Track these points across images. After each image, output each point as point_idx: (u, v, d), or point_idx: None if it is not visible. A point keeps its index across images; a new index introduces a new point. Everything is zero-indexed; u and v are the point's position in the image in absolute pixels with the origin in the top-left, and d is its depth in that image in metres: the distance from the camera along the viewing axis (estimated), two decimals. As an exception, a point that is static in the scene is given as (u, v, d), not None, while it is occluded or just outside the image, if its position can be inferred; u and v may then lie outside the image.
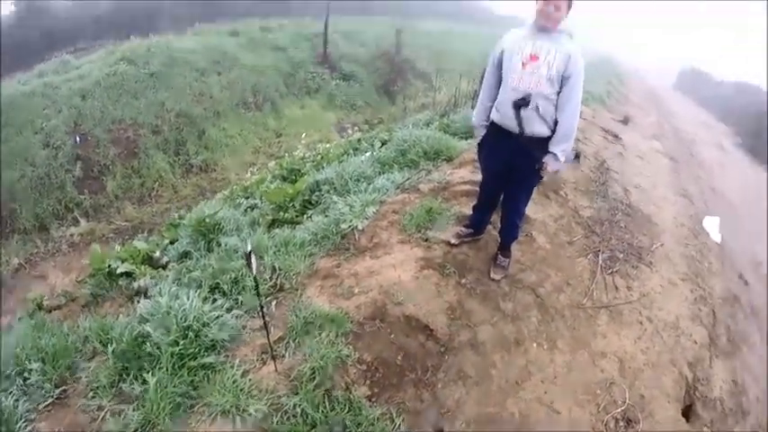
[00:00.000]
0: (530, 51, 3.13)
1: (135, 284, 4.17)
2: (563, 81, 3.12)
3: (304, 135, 12.66)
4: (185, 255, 4.63)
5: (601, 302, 4.06)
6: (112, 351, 2.91)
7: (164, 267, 4.59)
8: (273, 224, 5.02)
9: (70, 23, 21.93)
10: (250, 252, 2.52)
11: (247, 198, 6.68)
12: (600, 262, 4.57)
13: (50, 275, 9.38)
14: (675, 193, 8.17)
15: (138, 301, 3.45)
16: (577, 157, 4.36)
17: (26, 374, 2.90)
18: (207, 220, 4.74)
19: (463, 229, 4.11)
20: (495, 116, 3.37)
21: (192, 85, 14.62)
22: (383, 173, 5.66)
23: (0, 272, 9.51)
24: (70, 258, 9.79)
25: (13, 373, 2.91)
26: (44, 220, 10.82)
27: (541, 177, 3.41)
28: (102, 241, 10.01)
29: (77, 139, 12.05)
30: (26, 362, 2.96)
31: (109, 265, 4.56)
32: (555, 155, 3.25)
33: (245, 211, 5.83)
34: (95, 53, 15.70)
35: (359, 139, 8.86)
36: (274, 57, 17.85)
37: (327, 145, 8.94)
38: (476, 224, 4.04)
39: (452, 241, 4.04)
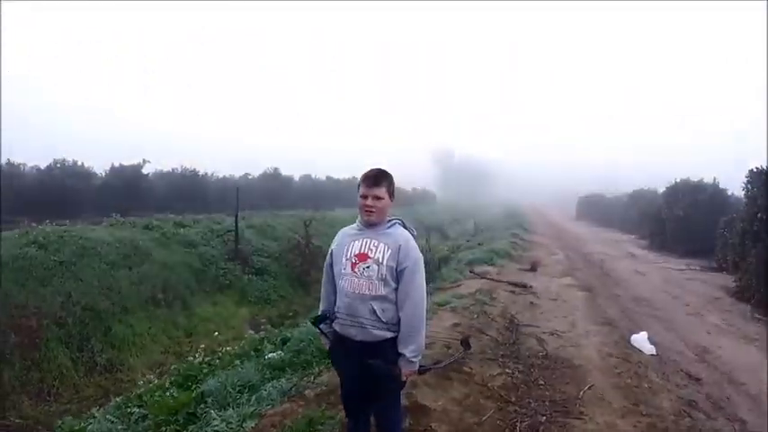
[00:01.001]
0: (357, 250, 2.92)
1: None
2: (398, 275, 2.87)
3: (216, 333, 12.19)
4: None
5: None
6: None
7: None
8: (155, 440, 4.58)
9: None
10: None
11: (140, 407, 6.15)
12: (519, 434, 4.09)
13: None
14: (596, 323, 8.01)
15: None
16: (467, 345, 4.13)
17: None
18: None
19: None
20: (335, 324, 3.05)
21: (100, 278, 13.77)
22: (274, 378, 5.31)
23: None
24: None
25: None
26: None
27: (402, 381, 2.99)
28: None
29: None
30: None
31: None
32: (406, 357, 2.89)
33: (136, 421, 5.46)
34: (10, 231, 14.84)
35: (262, 339, 8.56)
36: (186, 253, 17.45)
37: (228, 348, 8.48)
38: None
39: None
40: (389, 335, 2.88)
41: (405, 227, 3.02)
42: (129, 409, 6.18)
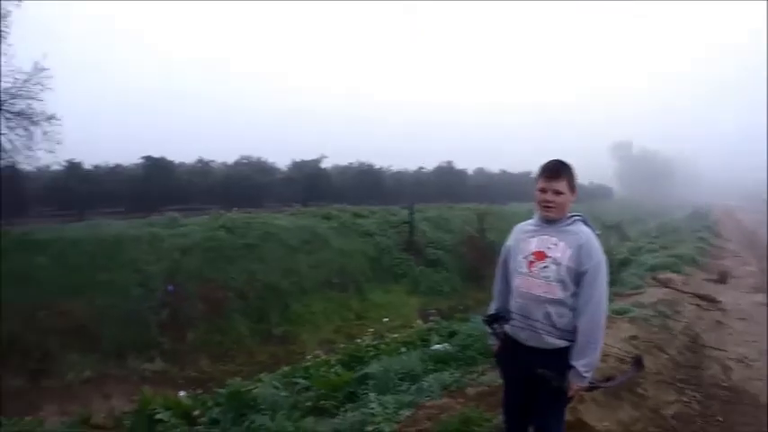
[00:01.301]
0: (534, 248, 2.74)
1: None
2: (578, 278, 2.66)
3: (386, 319, 12.63)
4: (215, 421, 4.84)
5: None
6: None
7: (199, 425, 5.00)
8: (313, 411, 4.97)
9: (187, 184, 25.38)
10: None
11: (306, 378, 6.64)
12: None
13: (114, 398, 9.83)
14: (792, 354, 6.95)
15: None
16: (639, 364, 3.71)
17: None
18: (242, 394, 5.09)
19: None
20: (506, 326, 2.89)
21: (282, 260, 15.49)
22: (436, 371, 5.36)
23: None
24: (137, 390, 9.81)
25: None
26: (123, 348, 11.55)
27: (569, 398, 2.81)
28: (171, 384, 10.28)
29: (170, 288, 13.04)
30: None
31: (154, 409, 5.26)
32: (577, 370, 2.65)
33: (299, 391, 5.89)
34: (201, 217, 17.34)
35: (429, 330, 8.65)
36: (362, 242, 18.48)
37: (395, 335, 8.77)
38: None
39: None
40: (563, 344, 2.69)
41: (587, 225, 2.78)
42: (294, 379, 6.71)
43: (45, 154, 16.32)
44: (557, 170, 2.71)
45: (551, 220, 2.74)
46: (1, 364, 10.63)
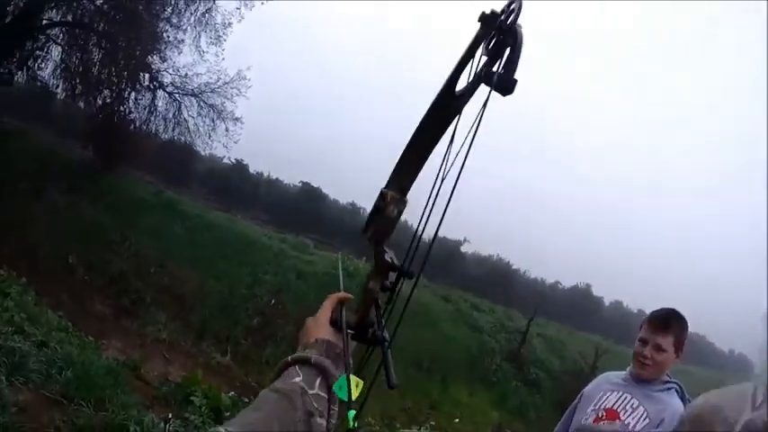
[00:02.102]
0: (610, 404, 2.25)
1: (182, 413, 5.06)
2: None
3: (457, 420, 12.34)
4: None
5: None
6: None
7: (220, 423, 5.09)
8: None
9: (332, 220, 27.38)
10: None
11: None
12: None
13: (172, 365, 10.25)
14: None
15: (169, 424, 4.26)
16: None
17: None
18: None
19: None
20: None
21: None
22: None
23: None
24: (194, 370, 9.90)
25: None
26: (206, 330, 12.57)
27: None
28: (227, 382, 10.63)
29: (273, 300, 14.05)
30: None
31: (194, 390, 5.80)
32: None
33: None
34: (331, 252, 18.48)
35: None
36: (469, 335, 18.11)
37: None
38: None
39: None
40: None
41: (682, 397, 2.26)
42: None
43: (221, 147, 18.33)
44: (665, 322, 2.26)
45: (643, 378, 2.27)
46: (98, 291, 12.11)
